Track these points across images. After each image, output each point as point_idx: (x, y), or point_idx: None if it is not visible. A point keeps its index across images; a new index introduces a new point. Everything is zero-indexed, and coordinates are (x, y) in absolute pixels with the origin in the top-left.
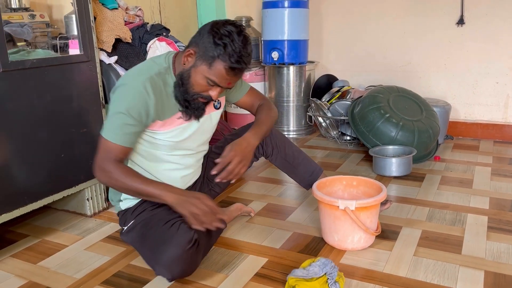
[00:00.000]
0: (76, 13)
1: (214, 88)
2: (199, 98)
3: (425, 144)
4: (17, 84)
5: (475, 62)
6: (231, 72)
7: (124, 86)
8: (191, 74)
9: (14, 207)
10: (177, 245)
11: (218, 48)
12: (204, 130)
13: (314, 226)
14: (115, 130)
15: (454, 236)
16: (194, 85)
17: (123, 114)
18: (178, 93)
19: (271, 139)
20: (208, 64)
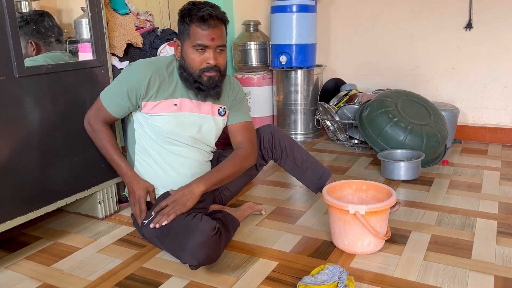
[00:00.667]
0: (89, 19)
1: (206, 53)
2: (204, 73)
3: (434, 148)
4: (32, 89)
5: (483, 66)
6: (204, 24)
7: (131, 65)
8: (185, 57)
9: (28, 210)
10: (202, 232)
11: (186, 18)
12: (205, 126)
13: (323, 230)
14: (110, 98)
15: (463, 240)
16: (191, 63)
17: (118, 87)
18: (186, 81)
19: (280, 142)
20: (187, 36)
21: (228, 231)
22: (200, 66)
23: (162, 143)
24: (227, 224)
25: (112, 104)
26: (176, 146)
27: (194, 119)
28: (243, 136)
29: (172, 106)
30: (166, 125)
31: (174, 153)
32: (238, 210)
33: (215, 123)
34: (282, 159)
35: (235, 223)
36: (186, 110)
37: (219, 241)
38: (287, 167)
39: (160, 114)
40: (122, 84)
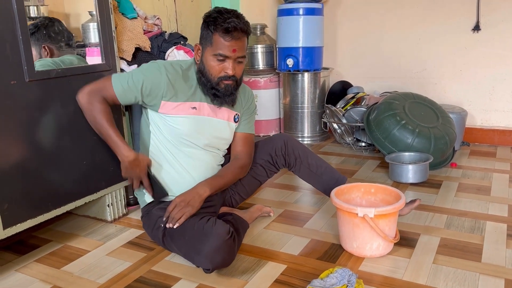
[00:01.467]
0: (98, 23)
1: (226, 63)
2: (222, 81)
3: (442, 151)
4: (43, 93)
5: (491, 68)
6: (227, 35)
7: (153, 62)
8: (204, 63)
9: (38, 213)
10: (217, 236)
11: (211, 26)
12: (221, 131)
13: (332, 233)
14: (122, 81)
15: (473, 244)
16: (210, 70)
17: (137, 77)
18: (203, 86)
19: (294, 150)
20: (210, 44)
21: (239, 234)
22: (218, 74)
23: (179, 145)
24: (237, 227)
25: (122, 88)
26: (191, 148)
27: (212, 123)
28: (244, 147)
29: (191, 108)
30: (185, 127)
31: (189, 155)
32: (247, 212)
33: (230, 129)
34: (296, 166)
35: (244, 225)
36: (205, 114)
37: (233, 245)
38: (302, 174)
39: (180, 116)
40: (140, 74)
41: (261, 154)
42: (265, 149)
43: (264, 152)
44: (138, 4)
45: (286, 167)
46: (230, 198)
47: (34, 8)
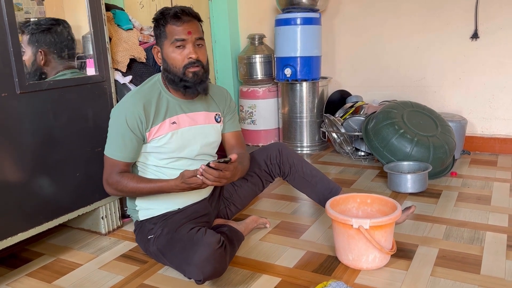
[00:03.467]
0: (91, 35)
1: (186, 49)
2: (188, 70)
3: (441, 160)
4: (34, 105)
5: (491, 76)
6: (178, 21)
7: (115, 109)
8: (166, 59)
9: (30, 226)
10: (207, 245)
11: (160, 20)
12: (207, 136)
13: (328, 244)
14: (116, 147)
15: (472, 255)
16: (174, 63)
17: (119, 131)
18: (172, 82)
19: (288, 158)
20: (165, 37)
21: (233, 245)
22: (182, 63)
23: (166, 164)
24: (231, 238)
25: (122, 151)
26: (180, 161)
27: (194, 131)
28: (238, 144)
29: (171, 124)
30: (171, 144)
31: (179, 169)
32: (242, 224)
33: (215, 131)
34: (291, 174)
35: (239, 237)
36: (186, 125)
37: (224, 254)
38: (296, 182)
39: (163, 136)
40: (120, 126)
41: (256, 163)
42: (259, 158)
43: (259, 161)
44: (135, 15)
45: (281, 176)
46: (225, 209)
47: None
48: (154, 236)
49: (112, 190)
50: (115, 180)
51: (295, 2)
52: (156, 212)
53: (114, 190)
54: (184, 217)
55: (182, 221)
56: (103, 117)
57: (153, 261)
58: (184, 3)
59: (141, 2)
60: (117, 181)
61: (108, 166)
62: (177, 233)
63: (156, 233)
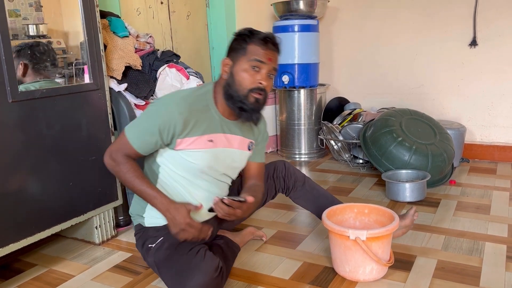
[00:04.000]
0: (86, 43)
1: (259, 73)
2: (251, 94)
3: (440, 168)
4: (27, 114)
5: (489, 84)
6: (264, 45)
7: (162, 99)
8: (234, 74)
9: (21, 237)
10: (204, 272)
11: (246, 37)
12: (236, 161)
13: (325, 255)
14: (137, 134)
15: (471, 266)
16: (241, 81)
17: (149, 124)
18: (230, 98)
19: (292, 174)
20: (243, 54)
21: (228, 263)
22: (250, 85)
23: (193, 178)
24: (227, 254)
25: (140, 141)
26: (203, 180)
27: (227, 154)
28: (259, 175)
29: (208, 141)
30: (202, 161)
31: (201, 187)
32: (238, 235)
33: (244, 157)
34: (294, 188)
35: (235, 249)
36: (221, 145)
37: (220, 281)
38: (299, 195)
39: (196, 150)
40: (153, 120)
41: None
42: (266, 172)
43: (265, 175)
44: (132, 22)
45: (285, 190)
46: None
47: (33, 27)
48: (154, 247)
49: (110, 165)
50: (118, 160)
51: (293, 9)
52: (162, 221)
53: (112, 167)
54: None
55: None
56: (97, 126)
57: (147, 272)
58: (182, 10)
59: (138, 9)
60: (119, 162)
61: (119, 142)
62: (176, 251)
63: (157, 243)
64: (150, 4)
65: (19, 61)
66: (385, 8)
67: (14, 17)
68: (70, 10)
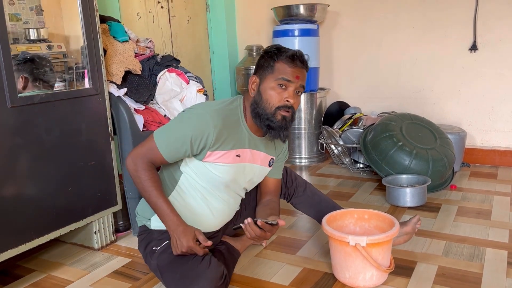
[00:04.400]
0: (85, 47)
1: (287, 90)
2: (279, 112)
3: (440, 173)
4: (26, 119)
5: (490, 88)
6: (292, 63)
7: (192, 110)
8: (262, 92)
9: (20, 242)
10: (210, 280)
11: (273, 55)
12: (256, 176)
13: (325, 261)
14: (167, 140)
15: (472, 272)
16: (269, 99)
17: (181, 134)
18: (258, 116)
19: (294, 179)
20: (271, 72)
21: (229, 269)
22: (277, 103)
23: (214, 190)
24: (228, 259)
25: (169, 148)
26: (223, 193)
27: (250, 169)
28: (275, 192)
29: (236, 156)
30: (228, 175)
31: (220, 198)
32: (239, 241)
33: (263, 174)
34: (295, 193)
35: (235, 254)
36: (246, 160)
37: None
38: (301, 201)
39: (224, 165)
40: (186, 129)
41: None
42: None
43: None
44: (132, 27)
45: (286, 196)
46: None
47: (34, 31)
48: (159, 250)
49: (132, 167)
50: (142, 165)
51: (293, 14)
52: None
53: (133, 170)
54: None
55: None
56: (96, 131)
57: (146, 278)
58: (182, 14)
59: (138, 14)
60: (142, 168)
61: (146, 146)
62: (181, 256)
63: (162, 246)
64: (150, 8)
65: (19, 75)
66: (385, 13)
67: (15, 21)
68: (71, 15)
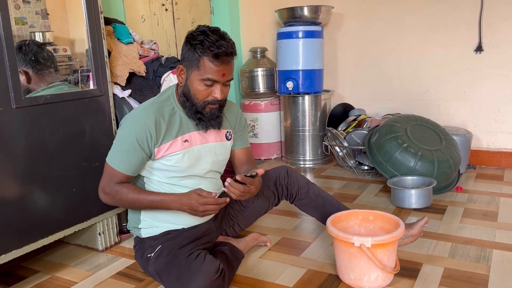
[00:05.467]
0: (90, 49)
1: (214, 87)
2: (208, 105)
3: (446, 174)
4: (31, 119)
5: (496, 89)
6: (217, 60)
7: (127, 117)
8: (189, 86)
9: (24, 243)
10: (205, 275)
11: (197, 48)
12: (218, 155)
13: (329, 262)
14: (120, 158)
15: (478, 274)
16: (196, 94)
17: (126, 143)
18: (188, 109)
19: (296, 180)
20: (196, 67)
21: (232, 268)
22: (205, 98)
23: (173, 181)
24: (231, 259)
25: (126, 164)
26: (188, 179)
27: (206, 149)
28: (249, 160)
29: (184, 142)
30: (182, 163)
31: (186, 187)
32: (242, 242)
33: (225, 149)
34: (298, 195)
35: (239, 255)
36: (197, 143)
37: (222, 284)
38: (304, 203)
39: (174, 154)
40: (129, 137)
41: (265, 185)
42: (268, 180)
43: (267, 182)
44: (137, 29)
45: (288, 198)
46: (228, 228)
47: (40, 34)
48: (153, 256)
49: (108, 199)
50: (114, 190)
51: (297, 16)
52: (159, 230)
53: (110, 199)
54: (186, 237)
55: (183, 242)
56: (101, 132)
57: (150, 279)
58: (187, 17)
59: (143, 16)
60: (116, 191)
61: (107, 175)
62: (175, 256)
63: (155, 252)
64: (154, 11)
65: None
66: (390, 14)
67: (21, 24)
68: (76, 18)
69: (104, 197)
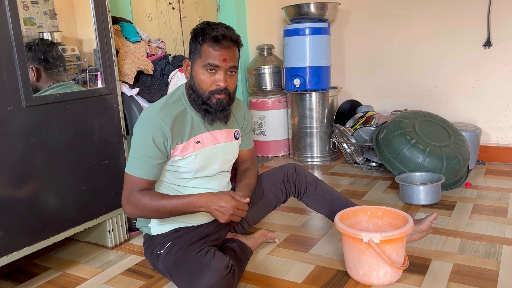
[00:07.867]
0: (98, 48)
1: (217, 74)
2: (213, 96)
3: (455, 170)
4: (40, 118)
5: (505, 84)
6: (217, 45)
7: (140, 121)
8: (194, 77)
9: (35, 240)
10: (215, 271)
11: (199, 37)
12: (227, 154)
13: (338, 259)
14: (138, 165)
15: (488, 270)
16: (201, 84)
17: (144, 147)
18: (195, 102)
19: (304, 177)
20: (198, 56)
21: (241, 264)
22: (209, 87)
23: (184, 182)
24: (240, 256)
25: (146, 169)
26: (197, 179)
27: (216, 150)
28: (252, 160)
29: (196, 144)
30: (194, 165)
31: (195, 187)
32: (251, 238)
33: (234, 148)
34: (306, 193)
35: (248, 252)
36: (209, 144)
37: (232, 280)
38: (312, 200)
39: (187, 156)
40: (145, 142)
41: (273, 181)
42: (276, 176)
43: (276, 178)
44: (144, 28)
45: (296, 195)
46: (239, 224)
47: (48, 34)
48: (163, 253)
49: (132, 209)
50: (137, 198)
51: (304, 13)
52: (168, 227)
53: (135, 210)
54: (196, 235)
55: (192, 239)
56: (109, 130)
57: (159, 276)
58: (194, 15)
59: (150, 15)
60: (138, 199)
61: (129, 185)
62: (185, 253)
63: (165, 249)
64: (161, 9)
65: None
66: (397, 10)
67: (29, 25)
68: (84, 18)
69: (128, 208)
